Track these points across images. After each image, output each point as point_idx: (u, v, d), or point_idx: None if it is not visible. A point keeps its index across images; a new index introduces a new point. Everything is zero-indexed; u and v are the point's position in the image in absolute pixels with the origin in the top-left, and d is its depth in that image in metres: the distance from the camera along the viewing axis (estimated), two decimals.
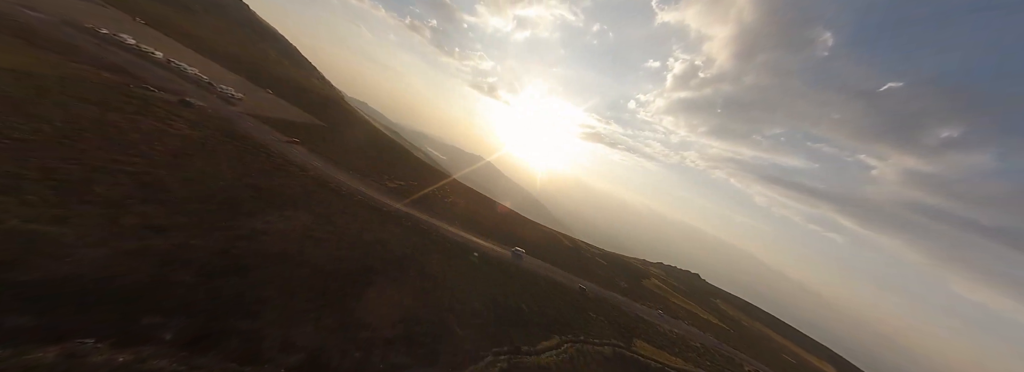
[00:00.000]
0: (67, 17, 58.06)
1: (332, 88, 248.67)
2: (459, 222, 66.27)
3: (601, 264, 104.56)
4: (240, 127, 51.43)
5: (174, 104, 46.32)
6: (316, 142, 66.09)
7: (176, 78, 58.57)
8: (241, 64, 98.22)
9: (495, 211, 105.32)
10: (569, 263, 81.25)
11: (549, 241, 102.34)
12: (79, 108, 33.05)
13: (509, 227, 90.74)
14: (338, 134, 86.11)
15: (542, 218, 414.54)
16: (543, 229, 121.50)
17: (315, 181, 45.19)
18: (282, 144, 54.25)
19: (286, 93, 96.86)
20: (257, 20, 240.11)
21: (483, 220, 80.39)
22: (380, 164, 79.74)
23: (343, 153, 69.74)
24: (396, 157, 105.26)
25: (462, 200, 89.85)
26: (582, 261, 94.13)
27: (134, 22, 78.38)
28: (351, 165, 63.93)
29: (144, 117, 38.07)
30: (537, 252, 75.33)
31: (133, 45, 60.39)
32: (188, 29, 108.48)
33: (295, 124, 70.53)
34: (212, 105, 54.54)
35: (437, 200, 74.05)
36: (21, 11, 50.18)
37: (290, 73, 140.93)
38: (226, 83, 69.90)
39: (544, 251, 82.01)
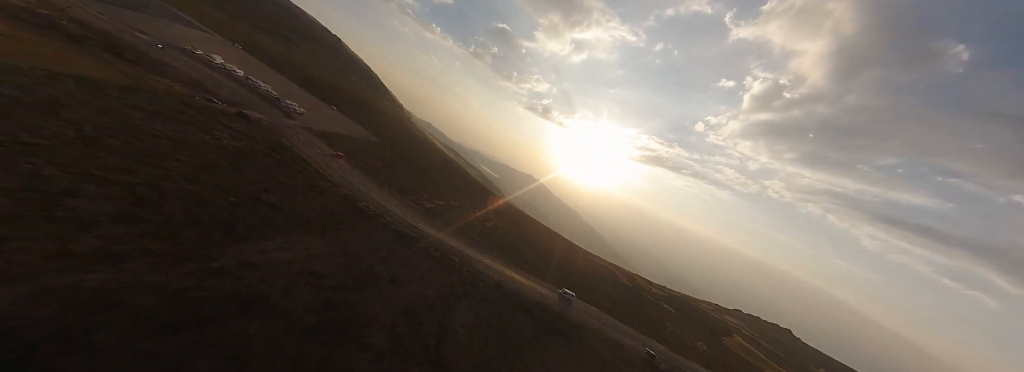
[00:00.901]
0: (172, 40, 64.83)
1: (401, 109, 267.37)
2: (498, 251, 57.44)
3: (668, 312, 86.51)
4: (289, 139, 50.11)
5: (230, 115, 46.11)
6: (363, 156, 63.98)
7: (247, 93, 61.01)
8: (317, 84, 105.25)
9: (542, 238, 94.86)
10: (630, 311, 66.63)
11: (604, 278, 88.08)
12: (124, 115, 32.01)
13: (557, 258, 79.38)
14: (390, 150, 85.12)
15: (595, 247, 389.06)
16: (597, 261, 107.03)
17: (343, 199, 40.33)
18: (325, 157, 51.84)
19: (352, 111, 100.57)
20: (346, 51, 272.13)
21: (527, 249, 70.61)
22: (425, 181, 75.74)
23: (388, 168, 66.75)
24: (444, 174, 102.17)
25: (505, 224, 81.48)
26: (645, 307, 78.05)
27: (233, 47, 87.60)
28: (392, 181, 59.92)
29: (190, 126, 36.85)
30: (590, 293, 62.69)
31: (220, 64, 65.06)
32: (279, 54, 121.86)
33: (348, 138, 69.89)
34: (270, 118, 54.77)
35: (477, 224, 66.56)
36: (131, 32, 56.19)
37: (363, 94, 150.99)
38: (294, 99, 72.50)
39: (599, 292, 68.77)
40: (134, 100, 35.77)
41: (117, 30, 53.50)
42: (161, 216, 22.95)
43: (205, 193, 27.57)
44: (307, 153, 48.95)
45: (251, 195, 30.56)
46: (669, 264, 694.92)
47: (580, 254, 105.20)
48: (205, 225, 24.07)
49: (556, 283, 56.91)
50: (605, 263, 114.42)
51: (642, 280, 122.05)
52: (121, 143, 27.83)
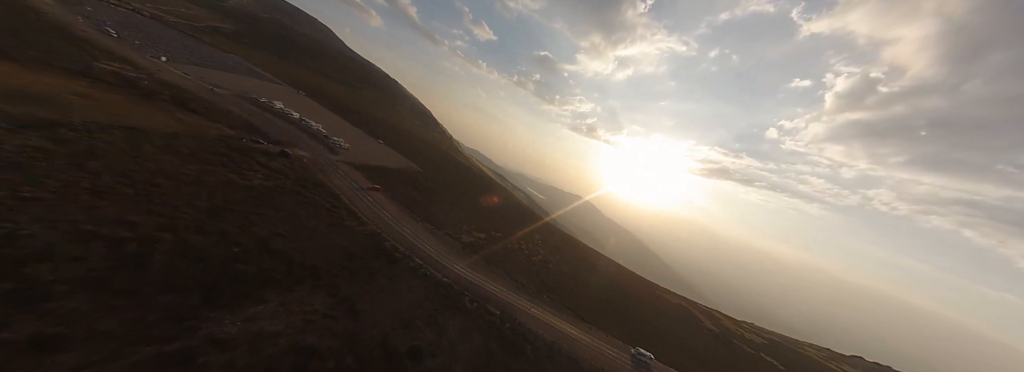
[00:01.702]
0: (244, 91, 70.58)
1: (450, 139, 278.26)
2: (549, 294, 47.88)
3: (775, 368, 66.65)
4: (325, 174, 48.26)
5: (272, 154, 45.52)
6: (402, 187, 60.84)
7: (297, 132, 62.58)
8: (368, 121, 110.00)
9: (598, 271, 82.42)
10: (726, 370, 50.89)
11: (682, 321, 72.04)
12: (156, 161, 31.05)
13: (622, 299, 66.59)
14: (433, 178, 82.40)
15: (659, 275, 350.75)
16: (667, 298, 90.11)
17: (369, 238, 35.32)
18: (360, 191, 48.83)
19: (399, 143, 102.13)
20: (401, 91, 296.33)
21: (582, 290, 59.67)
22: (466, 209, 70.32)
23: (427, 198, 62.64)
24: (488, 199, 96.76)
25: (555, 257, 71.59)
26: (744, 364, 60.45)
27: (297, 94, 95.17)
28: (430, 212, 55.04)
29: (224, 168, 35.52)
30: (670, 347, 49.19)
31: (279, 108, 68.79)
32: (339, 97, 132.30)
33: (389, 170, 68.08)
34: (313, 154, 54.33)
35: (523, 259, 58.04)
36: (207, 88, 61.49)
37: (413, 128, 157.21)
38: (342, 136, 73.91)
39: (679, 344, 54.46)
40: (176, 145, 35.60)
41: (194, 86, 58.60)
42: (138, 280, 18.73)
43: (208, 244, 23.69)
44: (341, 187, 46.24)
45: (260, 242, 26.36)
46: (751, 296, 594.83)
47: (646, 290, 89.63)
48: (188, 288, 19.42)
49: (625, 336, 45.07)
50: (678, 299, 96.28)
51: (728, 320, 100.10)
52: (135, 192, 25.70)
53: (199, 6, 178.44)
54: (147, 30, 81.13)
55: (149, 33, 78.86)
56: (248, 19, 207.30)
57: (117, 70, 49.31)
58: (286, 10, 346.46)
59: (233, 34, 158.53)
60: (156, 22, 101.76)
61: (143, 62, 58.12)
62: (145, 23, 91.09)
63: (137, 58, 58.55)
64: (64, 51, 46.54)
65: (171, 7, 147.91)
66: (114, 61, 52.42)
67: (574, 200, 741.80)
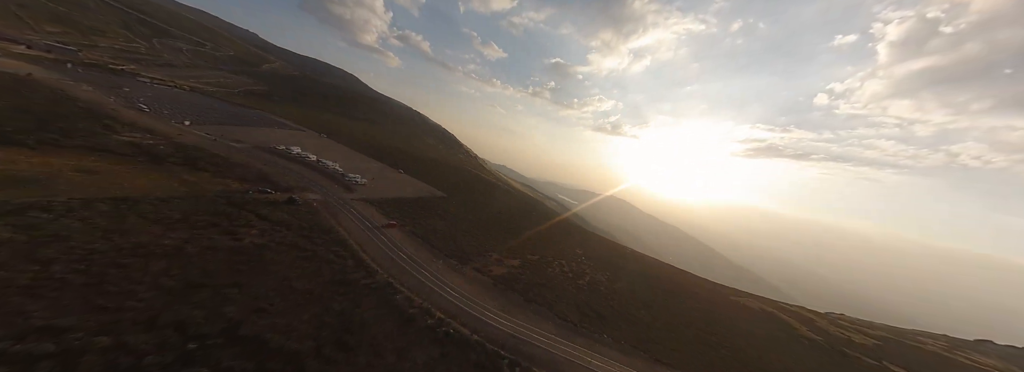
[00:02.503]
0: (263, 142, 70.10)
1: (474, 159, 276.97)
2: (610, 330, 37.88)
3: None
4: (335, 217, 43.26)
5: (277, 204, 41.41)
6: (422, 218, 54.74)
7: (313, 174, 59.58)
8: (390, 153, 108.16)
9: (660, 283, 69.87)
10: None
11: (776, 339, 57.38)
12: (136, 235, 26.97)
13: (697, 319, 54.11)
14: (457, 202, 76.23)
15: (724, 274, 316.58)
16: (747, 305, 74.55)
17: (378, 292, 28.58)
18: (373, 231, 43.06)
19: (420, 170, 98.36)
20: (423, 120, 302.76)
21: (648, 315, 48.57)
22: (495, 232, 62.58)
23: (451, 226, 55.90)
24: (519, 215, 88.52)
25: (605, 275, 60.98)
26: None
27: (318, 137, 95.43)
28: (454, 243, 47.96)
29: (213, 229, 31.11)
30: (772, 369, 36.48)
31: (297, 153, 67.09)
32: (360, 134, 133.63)
33: (407, 201, 62.75)
34: (325, 196, 50.18)
35: (569, 285, 48.52)
36: (226, 144, 60.91)
37: (436, 153, 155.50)
38: (360, 171, 70.63)
39: (781, 363, 41.22)
40: (167, 211, 31.92)
41: (211, 145, 57.99)
42: None
43: (152, 344, 17.79)
44: (351, 229, 40.74)
45: (229, 328, 20.26)
46: (834, 282, 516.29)
47: (719, 297, 74.93)
48: None
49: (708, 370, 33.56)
50: (758, 303, 79.80)
51: (822, 320, 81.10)
52: (87, 280, 20.95)
53: (238, 75, 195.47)
54: (180, 100, 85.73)
55: (181, 103, 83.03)
56: (280, 79, 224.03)
57: (136, 140, 48.97)
58: (315, 67, 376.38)
59: (265, 94, 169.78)
60: (194, 93, 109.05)
61: (165, 128, 58.73)
62: (181, 95, 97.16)
63: (160, 126, 59.40)
64: (85, 130, 46.77)
65: (212, 79, 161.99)
66: (136, 132, 52.68)
67: (609, 201, 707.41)
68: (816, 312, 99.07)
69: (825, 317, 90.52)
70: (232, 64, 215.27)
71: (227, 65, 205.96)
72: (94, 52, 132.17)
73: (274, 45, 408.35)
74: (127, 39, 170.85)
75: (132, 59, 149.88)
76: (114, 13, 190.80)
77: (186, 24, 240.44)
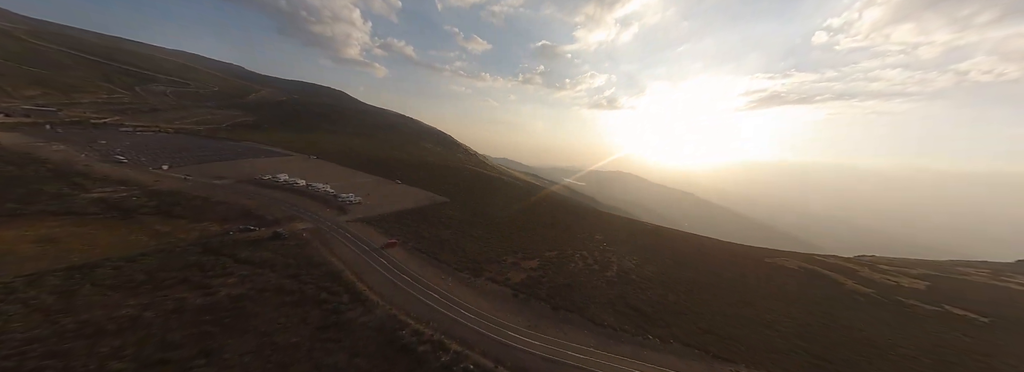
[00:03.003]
0: (249, 174, 66.06)
1: (475, 156, 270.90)
2: (655, 328, 32.77)
3: (976, 325, 43.27)
4: (328, 247, 38.83)
5: (260, 242, 37.15)
6: (426, 229, 49.99)
7: (303, 201, 55.37)
8: (386, 164, 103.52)
9: (693, 258, 64.05)
10: None
11: (828, 293, 51.28)
12: (86, 310, 22.88)
13: (735, 288, 48.43)
14: (461, 206, 71.32)
15: (749, 235, 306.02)
16: (786, 265, 68.22)
17: (378, 333, 23.97)
18: (372, 254, 38.49)
19: (418, 177, 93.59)
20: (417, 125, 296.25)
21: (691, 300, 43.23)
22: (507, 233, 57.57)
23: (458, 233, 51.08)
24: (530, 208, 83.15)
25: (635, 259, 55.52)
26: (945, 333, 38.97)
27: (307, 160, 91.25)
28: (463, 253, 43.16)
29: (182, 286, 26.91)
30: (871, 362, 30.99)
31: (284, 181, 63.00)
32: (354, 150, 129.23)
33: (408, 213, 58.08)
34: (316, 224, 45.80)
35: (597, 280, 43.35)
36: (208, 184, 57.05)
37: (434, 157, 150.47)
38: (354, 189, 66.25)
39: (869, 345, 35.58)
40: (130, 273, 27.78)
41: (190, 186, 54.29)
42: None
43: None
44: (346, 258, 36.25)
45: None
46: (864, 225, 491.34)
47: (755, 263, 68.71)
48: None
49: (799, 366, 28.19)
50: (794, 261, 73.18)
51: (866, 269, 74.14)
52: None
53: (225, 109, 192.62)
54: (162, 145, 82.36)
55: (163, 147, 79.62)
56: (268, 107, 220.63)
57: (106, 195, 45.23)
58: (303, 89, 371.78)
59: (253, 124, 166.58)
60: (178, 135, 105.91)
61: (141, 177, 55.08)
62: (164, 139, 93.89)
63: (136, 175, 55.82)
64: (51, 193, 43.13)
65: (199, 118, 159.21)
66: (108, 186, 48.99)
67: (616, 177, 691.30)
68: (851, 260, 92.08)
69: (863, 264, 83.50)
70: (218, 99, 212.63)
71: (212, 101, 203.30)
72: (75, 109, 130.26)
73: (260, 74, 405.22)
74: (109, 91, 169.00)
75: (116, 110, 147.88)
76: (94, 68, 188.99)
77: (167, 67, 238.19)
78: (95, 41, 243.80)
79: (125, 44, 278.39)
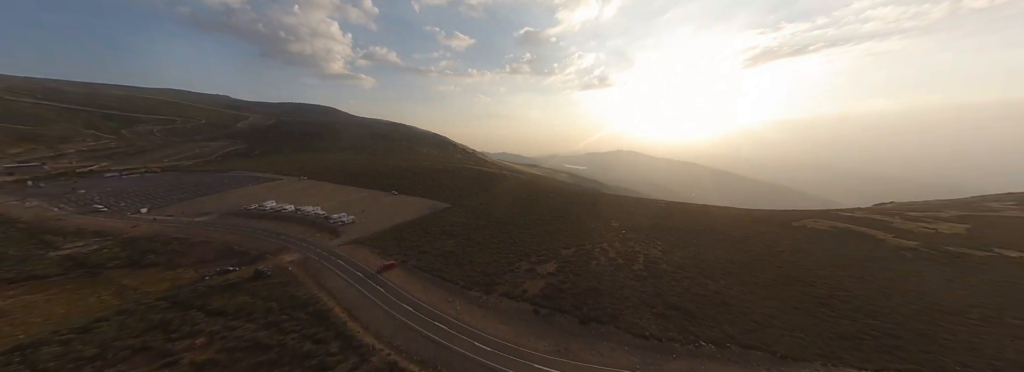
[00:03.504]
0: (233, 206, 61.60)
1: (473, 155, 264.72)
2: (701, 326, 27.52)
3: None
4: (320, 278, 34.14)
5: (239, 284, 32.52)
6: (426, 243, 45.06)
7: (292, 227, 50.83)
8: (380, 176, 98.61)
9: (717, 232, 58.29)
10: None
11: (871, 253, 45.45)
12: None
13: (775, 262, 42.78)
14: (464, 211, 66.27)
15: (766, 199, 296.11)
16: (815, 228, 62.17)
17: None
18: (367, 282, 33.69)
19: (416, 184, 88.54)
20: (414, 131, 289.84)
21: (724, 274, 37.84)
22: (517, 231, 52.47)
23: (463, 243, 46.09)
24: (535, 202, 77.77)
25: (660, 245, 50.04)
26: None
27: (297, 182, 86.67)
28: (472, 265, 38.21)
29: (140, 357, 22.42)
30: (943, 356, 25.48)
31: (271, 209, 58.60)
32: (346, 165, 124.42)
33: (406, 226, 53.20)
34: (306, 252, 41.15)
35: (625, 276, 38.10)
36: (188, 222, 52.62)
37: (431, 162, 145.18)
38: (347, 207, 61.60)
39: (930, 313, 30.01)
40: (78, 346, 23.30)
41: (170, 227, 50.20)
42: None
43: None
44: (337, 291, 31.52)
45: None
46: (874, 172, 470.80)
47: (784, 230, 62.78)
48: None
49: None
50: (823, 221, 67.03)
51: (896, 218, 67.71)
52: None
53: (214, 140, 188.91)
54: (146, 186, 78.43)
55: (145, 189, 75.61)
56: (257, 133, 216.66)
57: (75, 251, 41.04)
58: (291, 110, 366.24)
59: (244, 151, 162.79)
60: (166, 173, 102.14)
61: (118, 225, 51.06)
62: (152, 179, 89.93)
63: (113, 223, 51.83)
64: (16, 255, 38.98)
65: (189, 152, 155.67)
66: (80, 240, 44.81)
67: (618, 156, 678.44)
68: (877, 210, 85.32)
69: (893, 214, 76.96)
70: (207, 131, 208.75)
71: (201, 134, 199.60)
72: (62, 161, 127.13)
73: (247, 101, 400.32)
74: (95, 138, 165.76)
75: (104, 156, 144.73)
76: (76, 117, 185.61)
77: (150, 106, 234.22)
78: (74, 90, 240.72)
79: (105, 89, 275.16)
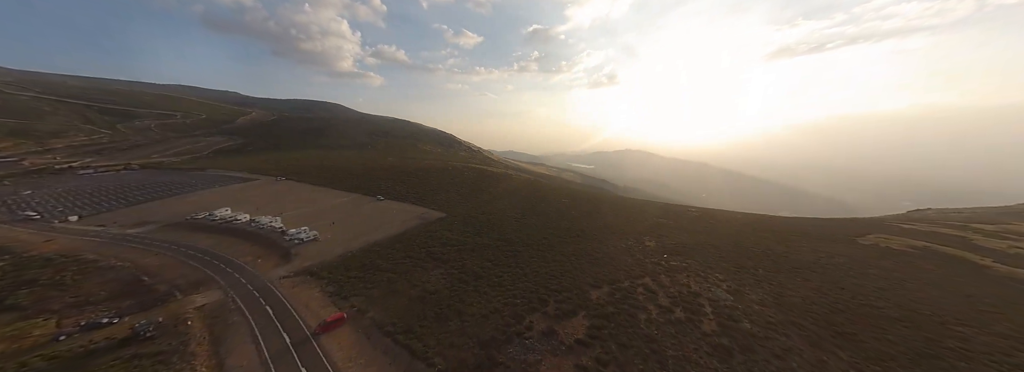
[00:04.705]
0: (184, 213, 50.50)
1: (478, 153, 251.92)
2: None
3: None
4: (222, 344, 22.33)
5: (95, 353, 20.90)
6: (402, 277, 32.79)
7: (235, 245, 39.39)
8: (373, 176, 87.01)
9: (789, 257, 44.43)
10: None
11: (986, 288, 31.66)
12: None
13: (877, 300, 29.29)
14: (461, 222, 53.92)
15: (808, 207, 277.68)
16: (889, 247, 47.81)
17: None
18: (291, 354, 21.55)
19: (411, 187, 76.62)
20: (421, 128, 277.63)
21: (838, 332, 24.43)
22: (531, 252, 39.81)
23: (453, 276, 33.69)
24: (551, 212, 64.84)
25: (724, 278, 36.53)
26: None
27: (275, 182, 75.75)
28: (459, 332, 25.81)
29: None
30: None
31: (222, 218, 47.42)
32: (343, 161, 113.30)
33: (385, 245, 41.06)
34: (234, 286, 29.32)
35: (693, 338, 25.14)
36: (113, 233, 41.45)
37: (433, 161, 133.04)
38: (320, 217, 49.93)
39: None
40: None
41: (88, 242, 39.85)
42: None
43: None
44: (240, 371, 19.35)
45: None
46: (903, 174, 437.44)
47: (857, 252, 48.59)
48: None
49: None
50: (898, 240, 52.60)
51: (976, 235, 52.73)
52: None
53: (211, 136, 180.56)
54: (104, 187, 68.44)
55: (101, 190, 65.57)
56: (257, 129, 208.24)
57: None
58: (295, 107, 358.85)
59: (238, 148, 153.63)
60: (140, 171, 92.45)
61: (32, 238, 40.88)
62: (117, 179, 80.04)
63: (27, 236, 41.78)
64: None
65: (181, 148, 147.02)
66: None
67: (624, 155, 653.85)
68: (936, 221, 69.98)
69: (966, 228, 61.98)
70: (206, 127, 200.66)
71: (200, 130, 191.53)
72: (45, 156, 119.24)
73: (254, 97, 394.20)
74: (89, 132, 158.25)
75: (94, 151, 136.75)
76: (74, 111, 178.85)
77: (152, 101, 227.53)
78: (77, 84, 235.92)
79: (109, 84, 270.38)
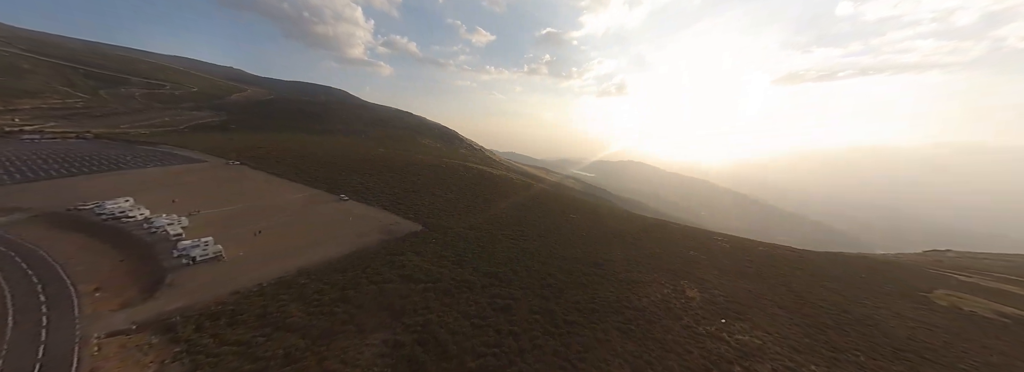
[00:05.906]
0: (69, 200, 37.50)
1: (479, 152, 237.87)
2: None
3: None
4: None
5: None
6: (333, 340, 19.90)
7: (95, 259, 26.45)
8: (350, 168, 74.25)
9: (914, 333, 31.45)
10: None
11: None
12: None
13: None
14: (445, 237, 40.97)
15: (804, 236, 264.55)
16: (941, 301, 34.61)
17: None
18: None
19: (384, 188, 63.35)
20: (423, 121, 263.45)
21: None
22: (529, 300, 26.85)
23: (418, 334, 20.80)
24: (554, 229, 51.75)
25: (810, 360, 23.42)
26: None
27: (226, 167, 62.99)
28: None
29: None
30: None
31: (109, 213, 34.98)
32: (328, 148, 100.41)
33: (319, 275, 27.95)
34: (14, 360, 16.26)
35: None
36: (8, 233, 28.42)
37: (428, 156, 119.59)
38: (251, 219, 36.67)
39: None
40: None
41: None
42: None
43: None
44: None
45: None
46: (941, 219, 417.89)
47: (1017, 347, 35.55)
48: None
49: None
50: (937, 289, 39.59)
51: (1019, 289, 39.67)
52: None
53: (196, 110, 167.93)
54: (25, 157, 55.39)
55: (18, 161, 52.30)
56: (247, 106, 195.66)
57: None
58: (298, 88, 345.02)
59: (219, 125, 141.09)
60: (90, 141, 79.92)
61: None
62: (51, 148, 67.82)
63: None
64: None
65: (157, 120, 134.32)
66: None
67: (625, 166, 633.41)
68: (996, 276, 56.78)
69: (1013, 282, 48.66)
70: (195, 100, 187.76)
71: (187, 102, 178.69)
72: (4, 116, 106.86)
73: (257, 75, 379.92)
74: (65, 95, 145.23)
75: (62, 116, 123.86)
76: (57, 71, 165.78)
77: (143, 69, 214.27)
78: (71, 46, 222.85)
79: (107, 49, 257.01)
